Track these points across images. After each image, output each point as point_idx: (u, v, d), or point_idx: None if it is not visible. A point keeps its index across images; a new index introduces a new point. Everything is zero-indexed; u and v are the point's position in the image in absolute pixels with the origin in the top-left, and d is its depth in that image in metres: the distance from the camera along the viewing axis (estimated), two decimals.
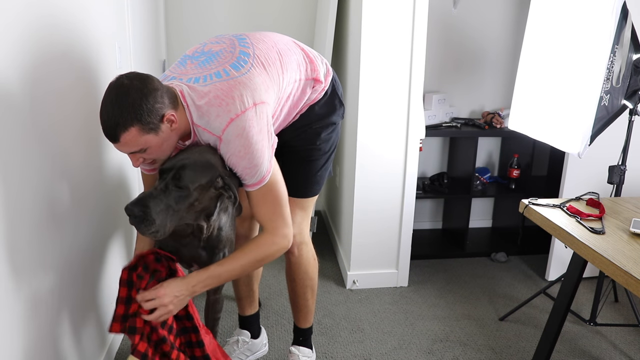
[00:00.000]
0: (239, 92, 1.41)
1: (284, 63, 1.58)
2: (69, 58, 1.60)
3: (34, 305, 1.34)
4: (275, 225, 1.52)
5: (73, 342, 1.62)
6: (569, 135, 2.11)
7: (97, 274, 1.88)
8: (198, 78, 1.46)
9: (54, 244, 1.47)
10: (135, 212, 1.31)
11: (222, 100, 1.39)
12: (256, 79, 1.46)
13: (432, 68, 3.09)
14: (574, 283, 1.81)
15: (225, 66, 1.47)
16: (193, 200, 1.39)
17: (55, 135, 1.48)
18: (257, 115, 1.41)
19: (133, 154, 1.37)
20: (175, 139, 1.42)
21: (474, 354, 2.18)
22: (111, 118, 1.28)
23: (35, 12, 1.35)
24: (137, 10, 2.49)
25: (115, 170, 2.08)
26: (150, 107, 1.29)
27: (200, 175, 1.38)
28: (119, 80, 1.30)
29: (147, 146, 1.34)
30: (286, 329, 2.30)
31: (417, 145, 2.56)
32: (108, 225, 1.97)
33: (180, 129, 1.41)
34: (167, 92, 1.36)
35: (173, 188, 1.36)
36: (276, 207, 1.52)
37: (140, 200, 1.33)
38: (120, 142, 1.31)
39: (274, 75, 1.53)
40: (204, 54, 1.54)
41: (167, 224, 1.35)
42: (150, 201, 1.32)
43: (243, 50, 1.53)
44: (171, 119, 1.35)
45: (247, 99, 1.41)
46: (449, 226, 3.34)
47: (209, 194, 1.42)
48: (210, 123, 1.40)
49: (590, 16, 2.01)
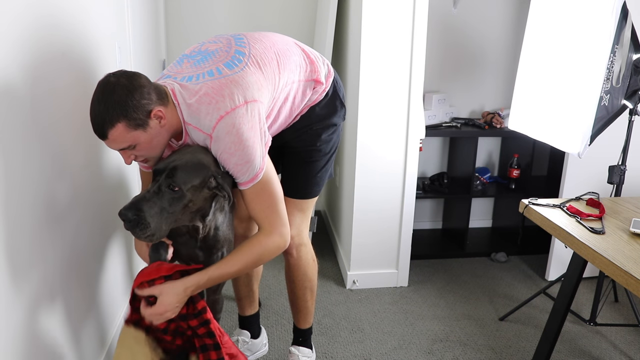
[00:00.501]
0: (230, 90, 1.41)
1: (281, 63, 1.58)
2: (69, 58, 1.60)
3: (34, 305, 1.34)
4: (272, 224, 1.51)
5: (73, 342, 1.62)
6: (569, 135, 2.11)
7: (97, 274, 1.88)
8: (191, 77, 1.46)
9: (54, 243, 1.47)
10: (129, 217, 1.30)
11: (212, 98, 1.39)
12: (249, 78, 1.45)
13: (432, 68, 3.09)
14: (574, 283, 1.81)
15: (219, 65, 1.47)
16: (187, 202, 1.38)
17: (55, 135, 1.48)
18: (248, 112, 1.40)
19: (123, 150, 1.37)
20: (166, 136, 1.42)
21: (474, 354, 2.18)
22: (98, 115, 1.29)
23: (35, 12, 1.35)
24: (137, 10, 2.49)
25: (115, 169, 2.08)
26: (137, 103, 1.30)
27: (193, 176, 1.37)
28: (106, 78, 1.32)
29: (135, 142, 1.34)
30: (286, 328, 2.30)
31: (417, 145, 2.56)
32: (108, 225, 1.97)
33: (172, 126, 1.41)
34: (156, 89, 1.36)
35: (166, 190, 1.35)
36: (271, 205, 1.50)
37: (134, 204, 1.31)
38: (109, 139, 1.32)
39: (269, 75, 1.53)
40: (200, 53, 1.54)
41: (162, 226, 1.34)
42: (143, 204, 1.31)
43: (239, 49, 1.53)
44: (159, 115, 1.35)
45: (237, 96, 1.40)
46: (449, 226, 3.34)
47: (202, 195, 1.41)
48: (200, 121, 1.40)
49: (590, 16, 2.01)
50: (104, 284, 1.94)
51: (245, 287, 2.04)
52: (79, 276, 1.68)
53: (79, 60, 1.69)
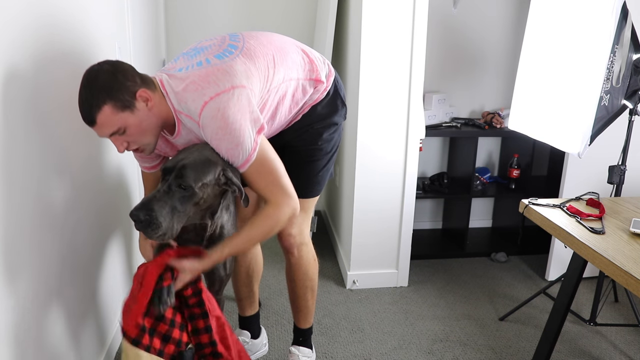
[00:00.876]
0: (216, 76, 1.41)
1: (277, 59, 1.58)
2: (69, 58, 1.60)
3: (33, 305, 1.34)
4: (277, 196, 1.50)
5: (72, 342, 1.62)
6: (569, 135, 2.11)
7: (97, 273, 1.88)
8: (181, 68, 1.48)
9: (54, 243, 1.47)
10: (141, 217, 1.30)
11: (198, 85, 1.40)
12: (237, 67, 1.46)
13: (432, 68, 3.09)
14: (574, 283, 1.81)
15: (209, 56, 1.49)
16: (198, 200, 1.38)
17: (56, 135, 1.48)
18: (234, 97, 1.40)
19: (114, 136, 1.38)
20: (155, 121, 1.42)
21: (474, 354, 2.18)
22: (85, 101, 1.32)
23: (35, 12, 1.35)
24: (137, 10, 2.49)
25: (115, 169, 2.08)
26: (120, 85, 1.32)
27: (202, 173, 1.37)
28: (89, 68, 1.35)
29: (124, 125, 1.36)
30: (286, 329, 2.30)
31: (417, 145, 2.56)
32: (108, 225, 1.97)
33: (161, 113, 1.42)
34: (140, 75, 1.39)
35: (176, 189, 1.35)
36: (273, 179, 1.50)
37: (145, 204, 1.31)
38: (97, 124, 1.33)
39: (261, 67, 1.53)
40: (194, 49, 1.56)
41: (173, 225, 1.34)
42: (154, 204, 1.31)
43: (232, 44, 1.55)
44: (144, 97, 1.37)
45: (223, 83, 1.40)
46: (449, 226, 3.34)
47: (213, 191, 1.42)
48: (189, 108, 1.41)
49: (590, 16, 2.01)
50: (103, 283, 1.94)
51: (246, 288, 2.04)
52: (79, 276, 1.68)
53: (79, 60, 1.69)
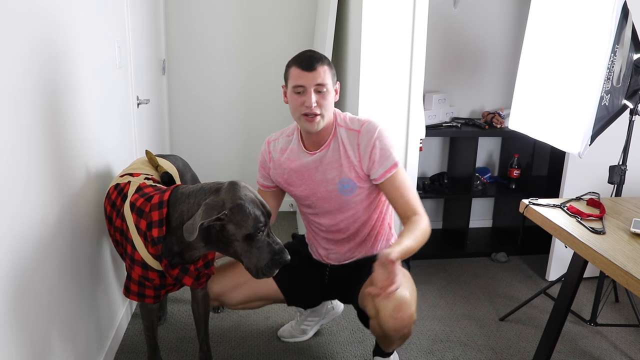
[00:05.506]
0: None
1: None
2: (69, 58, 1.60)
3: (33, 305, 1.34)
4: (419, 208, 1.67)
5: (72, 342, 1.62)
6: (570, 135, 2.11)
7: (97, 273, 1.88)
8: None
9: (53, 243, 1.47)
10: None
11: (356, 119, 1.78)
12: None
13: (432, 68, 3.09)
14: (575, 283, 1.81)
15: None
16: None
17: (56, 135, 1.48)
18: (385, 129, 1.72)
19: (316, 89, 1.63)
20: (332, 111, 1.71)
21: (474, 354, 2.18)
22: (313, 55, 1.65)
23: (35, 12, 1.35)
24: (137, 10, 2.49)
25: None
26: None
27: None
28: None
29: (327, 85, 1.64)
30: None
31: (417, 145, 2.56)
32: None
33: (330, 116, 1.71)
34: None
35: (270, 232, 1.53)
36: (415, 194, 1.70)
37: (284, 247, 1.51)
38: (316, 71, 1.62)
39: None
40: None
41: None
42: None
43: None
44: (337, 90, 1.72)
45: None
46: (449, 226, 3.34)
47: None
48: (347, 124, 1.75)
49: (591, 16, 2.01)
50: (103, 283, 1.94)
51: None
52: (79, 276, 1.68)
53: (79, 60, 1.69)
